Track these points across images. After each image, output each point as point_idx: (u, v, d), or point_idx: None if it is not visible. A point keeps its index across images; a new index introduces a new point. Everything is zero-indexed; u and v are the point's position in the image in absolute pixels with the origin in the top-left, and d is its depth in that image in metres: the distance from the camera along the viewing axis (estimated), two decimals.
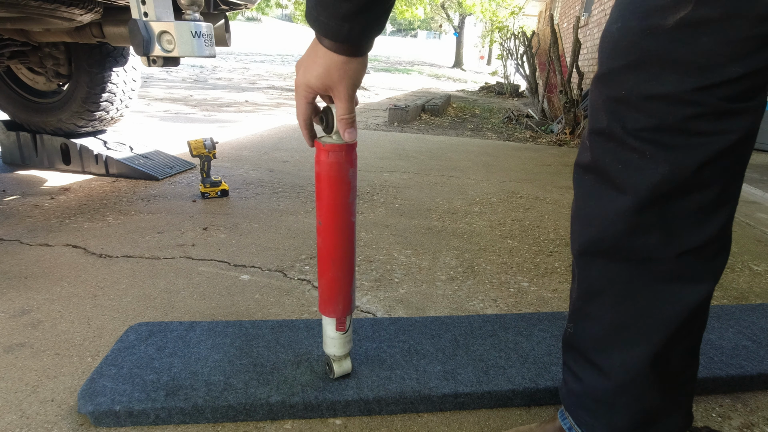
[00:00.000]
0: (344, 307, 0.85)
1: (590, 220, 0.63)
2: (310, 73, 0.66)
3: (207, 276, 1.38)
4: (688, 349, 0.65)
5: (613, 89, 0.56)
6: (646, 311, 0.61)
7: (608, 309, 0.64)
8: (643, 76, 0.53)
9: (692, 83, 0.51)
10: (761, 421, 0.92)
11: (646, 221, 0.58)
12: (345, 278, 0.84)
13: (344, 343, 0.88)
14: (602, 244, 0.62)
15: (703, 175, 0.54)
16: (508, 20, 15.11)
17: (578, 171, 0.64)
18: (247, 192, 2.19)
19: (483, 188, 2.49)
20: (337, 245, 0.80)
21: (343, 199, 0.77)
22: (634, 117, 0.55)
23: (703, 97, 0.51)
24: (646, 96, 0.54)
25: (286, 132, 3.90)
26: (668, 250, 0.58)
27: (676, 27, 0.50)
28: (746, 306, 1.28)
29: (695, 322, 0.62)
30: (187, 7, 1.33)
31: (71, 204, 1.91)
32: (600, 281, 0.64)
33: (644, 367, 0.62)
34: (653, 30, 0.52)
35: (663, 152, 0.54)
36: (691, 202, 0.56)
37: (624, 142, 0.57)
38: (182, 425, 0.83)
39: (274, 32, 37.94)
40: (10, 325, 1.10)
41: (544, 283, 1.46)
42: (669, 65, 0.52)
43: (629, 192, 0.57)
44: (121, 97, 2.40)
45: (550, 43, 4.77)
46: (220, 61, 13.71)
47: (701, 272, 0.60)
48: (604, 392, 0.66)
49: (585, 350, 0.68)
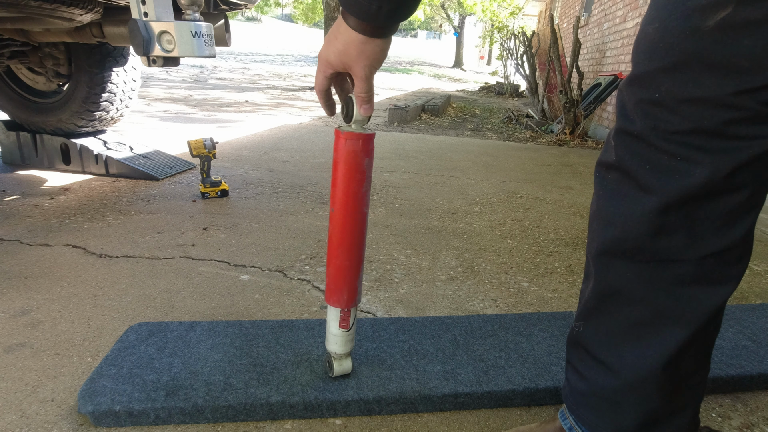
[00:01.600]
0: (350, 298, 0.85)
1: (612, 219, 0.62)
2: (331, 48, 0.66)
3: (207, 276, 1.38)
4: (701, 353, 0.64)
5: (647, 91, 0.55)
6: (664, 312, 0.61)
7: (624, 308, 0.63)
8: (680, 78, 0.52)
9: (733, 86, 0.50)
10: (761, 421, 0.92)
11: (671, 223, 0.57)
12: (353, 268, 0.84)
13: (346, 342, 0.88)
14: (624, 245, 0.61)
15: (735, 179, 0.54)
16: (508, 20, 15.11)
17: (600, 170, 0.64)
18: (247, 192, 2.19)
19: (483, 188, 2.49)
20: (348, 233, 0.81)
21: (356, 188, 0.78)
22: (668, 119, 0.54)
23: (744, 101, 0.50)
24: (683, 99, 0.53)
25: (286, 132, 3.90)
26: (691, 253, 0.58)
27: (717, 28, 0.49)
28: (746, 306, 1.28)
29: (711, 326, 0.62)
30: (187, 7, 1.33)
31: (71, 204, 1.91)
32: (619, 281, 0.63)
33: (656, 368, 0.62)
34: (694, 31, 0.50)
35: (697, 155, 0.53)
36: (720, 206, 0.55)
37: (654, 144, 0.56)
38: (182, 425, 0.83)
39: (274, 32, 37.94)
40: (10, 325, 1.10)
41: (544, 283, 1.46)
42: (709, 68, 0.50)
43: (656, 193, 0.56)
44: (121, 97, 2.40)
45: (550, 43, 4.77)
46: (220, 61, 13.71)
47: (723, 276, 0.59)
48: (611, 391, 0.66)
49: (593, 349, 0.67)
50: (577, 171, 3.06)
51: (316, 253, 1.57)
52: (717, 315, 0.61)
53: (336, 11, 8.10)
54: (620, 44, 4.47)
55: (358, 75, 0.67)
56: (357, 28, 0.62)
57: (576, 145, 4.06)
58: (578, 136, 4.22)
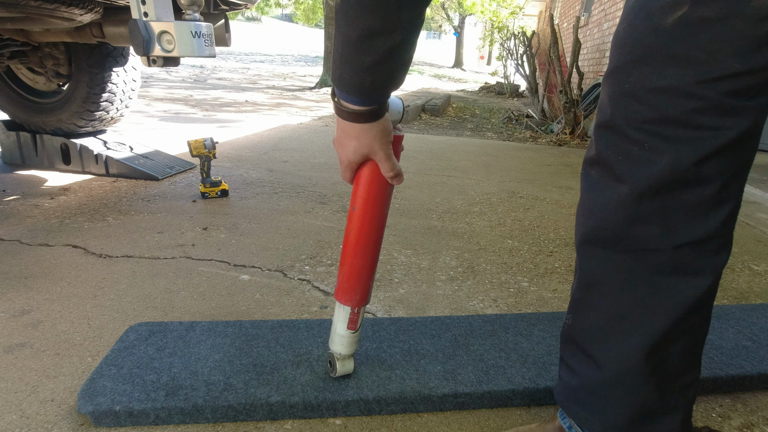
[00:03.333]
0: (361, 297, 0.85)
1: (592, 210, 0.65)
2: (347, 150, 0.74)
3: (207, 276, 1.38)
4: (688, 349, 0.65)
5: (619, 83, 0.59)
6: (644, 302, 0.62)
7: (606, 299, 0.65)
8: (646, 70, 0.56)
9: (693, 76, 0.53)
10: (761, 421, 0.92)
11: (645, 211, 0.59)
12: (367, 268, 0.84)
13: (352, 343, 0.88)
14: (603, 233, 0.63)
15: (703, 170, 0.56)
16: (508, 20, 15.11)
17: (585, 166, 0.67)
18: (247, 192, 2.19)
19: (483, 188, 2.49)
20: (366, 233, 0.81)
21: (380, 189, 0.78)
22: (637, 109, 0.57)
23: (705, 91, 0.53)
24: (649, 89, 0.56)
25: (286, 132, 3.90)
26: (666, 242, 0.60)
27: (676, 24, 0.53)
28: (746, 306, 1.28)
29: (694, 319, 0.63)
30: (187, 7, 1.33)
31: (71, 204, 1.91)
32: (599, 270, 0.65)
33: (639, 358, 0.63)
34: (655, 28, 0.54)
35: (663, 144, 0.56)
36: (691, 196, 0.57)
37: (626, 134, 0.59)
38: (182, 425, 0.83)
39: (274, 32, 37.93)
40: (10, 325, 1.10)
41: (544, 283, 1.46)
42: (670, 59, 0.54)
43: (627, 182, 0.59)
44: (121, 97, 2.40)
45: (550, 43, 4.77)
46: (220, 61, 13.71)
47: (700, 267, 0.60)
48: (599, 384, 0.67)
49: (582, 342, 0.69)
50: (577, 171, 3.05)
51: (316, 253, 1.57)
52: (700, 308, 0.62)
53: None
54: None
55: (380, 157, 0.74)
56: (357, 118, 0.69)
57: (576, 145, 4.06)
58: (578, 136, 4.22)
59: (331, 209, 2.02)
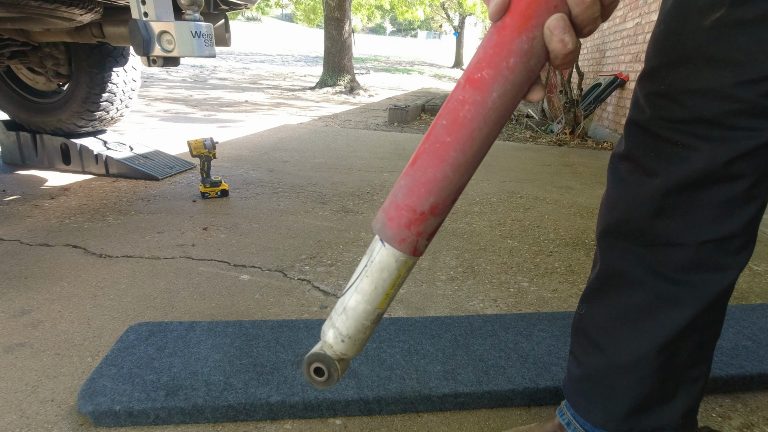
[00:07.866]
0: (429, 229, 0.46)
1: (617, 203, 0.65)
2: None
3: (207, 276, 1.38)
4: (699, 346, 0.65)
5: (655, 84, 0.60)
6: (663, 296, 0.62)
7: (625, 290, 0.65)
8: (683, 72, 0.56)
9: (731, 78, 0.53)
10: (761, 421, 0.92)
11: (671, 205, 0.60)
12: (457, 185, 0.45)
13: (366, 337, 0.56)
14: (627, 226, 0.64)
15: (733, 169, 0.56)
16: None
17: (614, 160, 0.67)
18: (247, 192, 2.19)
19: (483, 188, 2.49)
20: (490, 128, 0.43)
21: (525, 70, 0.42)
22: (672, 109, 0.58)
23: (742, 93, 0.53)
24: (685, 90, 0.56)
25: (286, 132, 3.90)
26: (690, 237, 0.60)
27: (713, 27, 0.53)
28: (746, 306, 1.28)
29: (710, 316, 0.63)
30: (187, 7, 1.33)
31: (71, 204, 1.91)
32: (621, 262, 0.66)
33: (651, 351, 0.63)
34: (693, 30, 0.55)
35: (698, 142, 0.57)
36: (718, 194, 0.58)
37: (659, 132, 0.59)
38: (182, 425, 0.83)
39: (274, 32, 37.94)
40: (10, 325, 1.10)
41: (544, 283, 1.46)
42: (708, 61, 0.54)
43: (659, 176, 0.60)
44: (121, 97, 2.40)
45: None
46: (220, 61, 13.71)
47: (722, 264, 0.61)
48: (604, 373, 0.67)
49: (592, 333, 0.69)
50: (577, 171, 3.05)
51: (316, 253, 1.57)
52: (716, 305, 0.62)
53: (336, 11, 8.10)
54: (620, 44, 4.47)
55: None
56: None
57: (576, 145, 4.06)
58: (578, 136, 4.22)
59: (331, 209, 2.02)
